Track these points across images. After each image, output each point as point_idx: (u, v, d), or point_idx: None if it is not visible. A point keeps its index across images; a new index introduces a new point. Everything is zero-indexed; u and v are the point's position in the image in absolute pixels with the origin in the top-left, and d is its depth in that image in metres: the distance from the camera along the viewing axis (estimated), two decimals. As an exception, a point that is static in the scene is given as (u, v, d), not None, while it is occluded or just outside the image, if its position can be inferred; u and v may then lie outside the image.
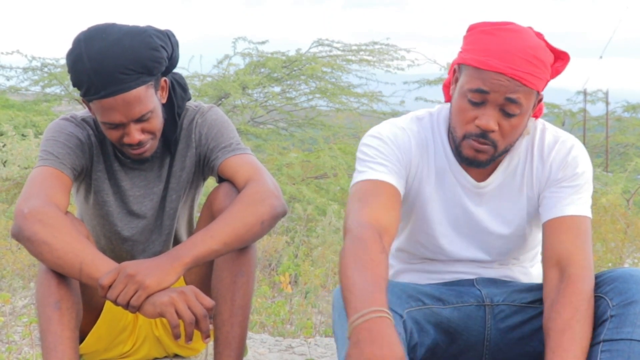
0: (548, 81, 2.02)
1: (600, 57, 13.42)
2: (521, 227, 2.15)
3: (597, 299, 1.95)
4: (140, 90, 2.12)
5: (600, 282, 1.97)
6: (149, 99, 2.15)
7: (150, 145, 2.23)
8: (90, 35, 2.11)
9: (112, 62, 2.07)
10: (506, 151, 2.05)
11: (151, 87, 2.16)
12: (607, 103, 14.59)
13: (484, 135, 1.98)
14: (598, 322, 1.92)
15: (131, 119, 2.14)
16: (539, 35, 2.02)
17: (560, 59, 2.03)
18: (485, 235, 2.15)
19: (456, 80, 2.05)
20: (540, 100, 2.05)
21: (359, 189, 2.04)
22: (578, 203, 2.05)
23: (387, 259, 1.89)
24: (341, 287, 1.84)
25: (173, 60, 2.23)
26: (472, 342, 2.11)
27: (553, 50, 2.02)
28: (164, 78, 2.23)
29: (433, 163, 2.12)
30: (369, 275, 1.80)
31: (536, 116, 2.11)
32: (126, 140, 2.18)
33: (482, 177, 2.11)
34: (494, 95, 1.95)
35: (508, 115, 1.96)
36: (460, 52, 2.04)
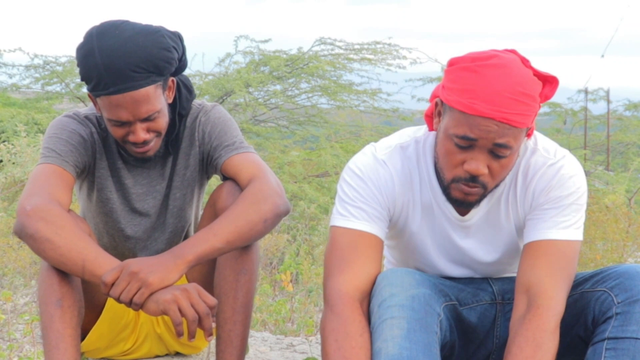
0: (538, 111, 1.92)
1: (602, 55, 13.40)
2: (512, 251, 2.12)
3: (601, 294, 1.95)
4: (149, 90, 2.12)
5: (605, 277, 1.96)
6: (157, 99, 2.14)
7: (154, 144, 2.22)
8: (103, 30, 2.11)
9: (124, 59, 2.07)
10: (496, 187, 1.98)
11: (160, 87, 2.15)
12: (608, 101, 14.58)
13: (473, 179, 1.91)
14: (602, 318, 1.93)
15: (137, 118, 2.14)
16: (525, 61, 1.91)
17: (549, 82, 1.93)
18: (476, 264, 2.14)
19: (439, 114, 1.96)
20: (531, 128, 1.96)
21: (339, 240, 2.03)
22: (562, 226, 1.98)
23: (367, 338, 1.92)
24: None
25: (183, 62, 2.23)
26: (483, 339, 2.12)
27: (540, 76, 1.91)
28: (172, 78, 2.23)
29: (419, 198, 2.07)
30: None
31: (528, 135, 2.00)
32: (131, 138, 2.18)
33: (464, 211, 2.06)
34: (483, 142, 1.85)
35: (497, 157, 1.88)
36: (443, 87, 1.93)
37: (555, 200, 1.98)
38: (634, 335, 1.86)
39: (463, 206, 1.99)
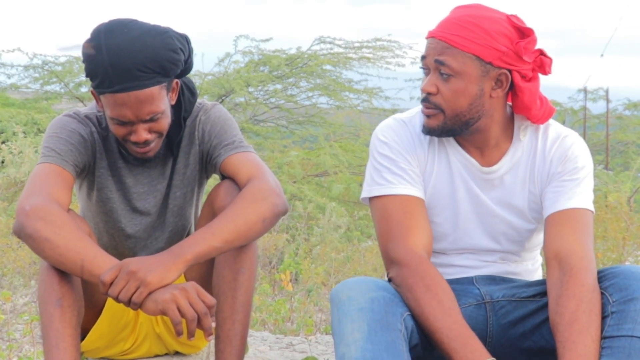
0: (506, 54, 2.01)
1: (602, 55, 13.41)
2: (524, 217, 2.16)
3: None
4: (153, 90, 2.12)
5: (601, 278, 1.97)
6: (161, 100, 2.15)
7: (155, 144, 2.22)
8: (112, 28, 2.11)
9: (131, 58, 2.06)
10: (461, 122, 2.06)
11: (164, 88, 2.15)
12: (607, 101, 14.60)
13: (426, 99, 2.07)
14: None
15: (140, 119, 2.14)
16: (509, 17, 2.03)
17: (527, 35, 2.03)
18: (490, 217, 2.16)
19: None
20: (506, 77, 2.03)
21: (387, 208, 2.10)
22: (579, 196, 2.07)
23: (447, 284, 1.99)
24: (429, 326, 1.93)
25: (188, 64, 2.23)
26: None
27: (516, 27, 2.02)
28: (176, 80, 2.24)
29: (436, 150, 2.15)
30: (457, 318, 1.93)
31: (538, 121, 2.11)
32: (133, 138, 2.18)
33: (488, 163, 2.14)
34: (429, 60, 2.05)
35: (444, 78, 2.03)
36: None
37: (571, 171, 2.09)
38: (629, 333, 1.86)
39: (429, 133, 2.11)
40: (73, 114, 2.29)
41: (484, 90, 2.04)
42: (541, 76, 2.11)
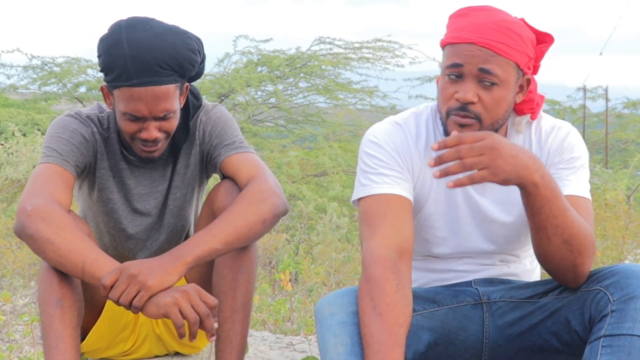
0: (532, 59, 2.01)
1: (600, 53, 13.41)
2: (522, 215, 2.12)
3: (597, 293, 1.94)
4: (170, 88, 2.13)
5: (600, 277, 1.97)
6: (175, 99, 2.16)
7: (162, 144, 2.23)
8: (133, 23, 2.13)
9: (152, 53, 2.08)
10: (495, 129, 2.02)
11: (178, 88, 2.17)
12: (607, 99, 14.59)
13: (464, 108, 1.97)
14: (598, 316, 1.92)
15: (154, 116, 2.15)
16: (524, 21, 2.03)
17: (544, 41, 2.02)
18: (488, 223, 2.14)
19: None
20: (529, 82, 2.04)
21: (366, 209, 2.04)
22: (576, 184, 2.05)
23: (405, 293, 1.93)
24: (360, 332, 1.89)
25: (201, 68, 2.25)
26: (470, 341, 2.10)
27: (535, 31, 2.02)
28: (187, 84, 2.25)
29: (433, 154, 2.08)
30: (385, 324, 1.87)
31: (533, 112, 2.09)
32: (143, 135, 2.18)
33: None
34: (469, 67, 1.96)
35: (486, 86, 1.96)
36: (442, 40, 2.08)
37: (568, 161, 2.08)
38: (629, 332, 1.86)
39: None
40: (75, 114, 2.29)
41: (513, 97, 2.03)
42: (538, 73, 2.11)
